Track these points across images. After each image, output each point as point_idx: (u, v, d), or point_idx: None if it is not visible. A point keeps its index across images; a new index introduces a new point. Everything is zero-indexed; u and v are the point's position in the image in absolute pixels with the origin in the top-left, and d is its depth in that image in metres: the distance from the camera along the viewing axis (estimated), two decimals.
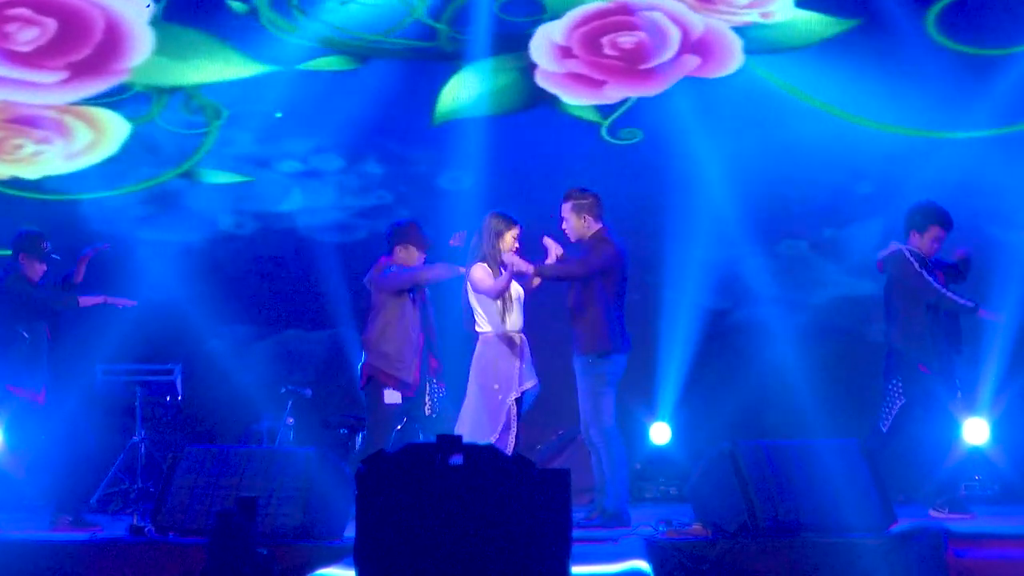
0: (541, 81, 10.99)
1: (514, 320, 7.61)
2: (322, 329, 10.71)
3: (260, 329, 10.69)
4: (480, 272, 7.58)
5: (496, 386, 7.45)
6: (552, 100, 11.02)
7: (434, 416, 8.46)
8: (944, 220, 7.95)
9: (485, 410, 7.43)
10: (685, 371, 9.93)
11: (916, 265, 7.83)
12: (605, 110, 11.01)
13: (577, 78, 11.00)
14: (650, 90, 10.91)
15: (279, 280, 10.68)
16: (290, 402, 9.65)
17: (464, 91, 10.97)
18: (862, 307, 9.77)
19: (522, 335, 7.60)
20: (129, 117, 10.97)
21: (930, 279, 7.81)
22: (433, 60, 11.04)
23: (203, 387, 10.24)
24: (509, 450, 7.24)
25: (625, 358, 7.65)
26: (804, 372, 9.60)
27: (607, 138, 10.99)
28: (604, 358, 7.53)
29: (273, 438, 9.58)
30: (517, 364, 7.51)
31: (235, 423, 9.91)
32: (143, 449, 9.36)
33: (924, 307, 7.82)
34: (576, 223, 7.66)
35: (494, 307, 7.54)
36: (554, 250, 7.64)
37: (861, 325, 7.90)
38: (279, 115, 10.93)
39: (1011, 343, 8.46)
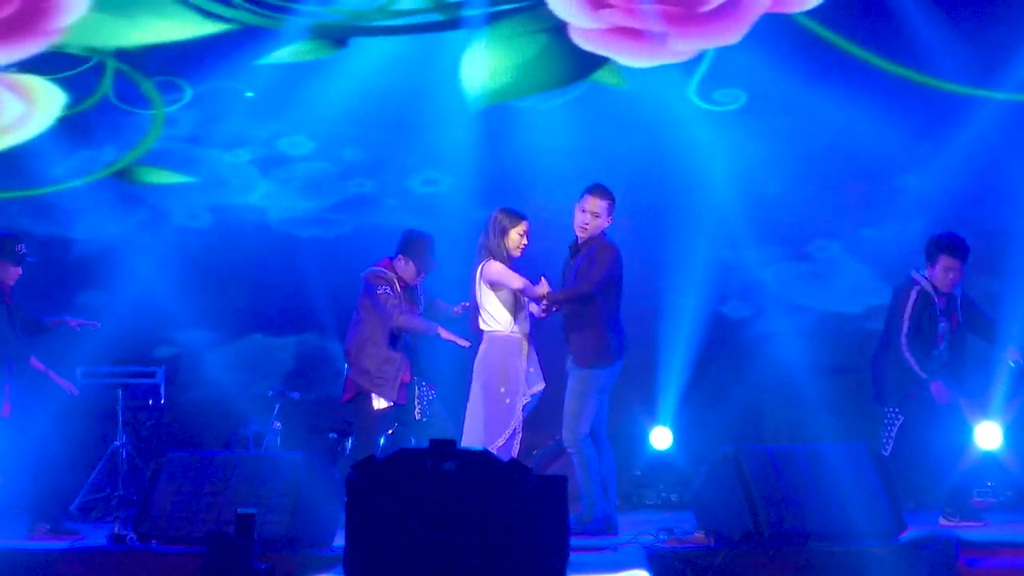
0: (581, 42, 9.50)
1: (524, 321, 7.49)
2: (309, 331, 10.54)
3: (248, 330, 10.55)
4: (499, 266, 7.40)
5: (503, 389, 7.35)
6: (601, 64, 9.61)
7: (424, 420, 8.37)
8: (951, 248, 7.78)
9: (491, 413, 7.32)
10: (688, 373, 9.81)
11: (911, 305, 7.73)
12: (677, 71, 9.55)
13: (627, 33, 9.43)
14: (727, 38, 9.34)
15: (263, 278, 10.42)
16: (277, 406, 9.60)
17: (488, 67, 9.79)
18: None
19: (528, 337, 7.47)
20: (78, 96, 10.07)
21: (906, 326, 7.70)
22: (439, 31, 10.00)
23: (187, 390, 10.14)
24: (513, 455, 7.15)
25: (622, 362, 7.56)
26: (813, 377, 9.48)
27: (698, 102, 9.70)
28: (603, 368, 7.45)
29: (260, 443, 9.53)
30: (524, 366, 7.41)
31: (221, 428, 9.81)
32: (125, 454, 9.30)
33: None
34: (604, 221, 7.49)
35: (508, 305, 7.42)
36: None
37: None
38: (250, 95, 10.26)
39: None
